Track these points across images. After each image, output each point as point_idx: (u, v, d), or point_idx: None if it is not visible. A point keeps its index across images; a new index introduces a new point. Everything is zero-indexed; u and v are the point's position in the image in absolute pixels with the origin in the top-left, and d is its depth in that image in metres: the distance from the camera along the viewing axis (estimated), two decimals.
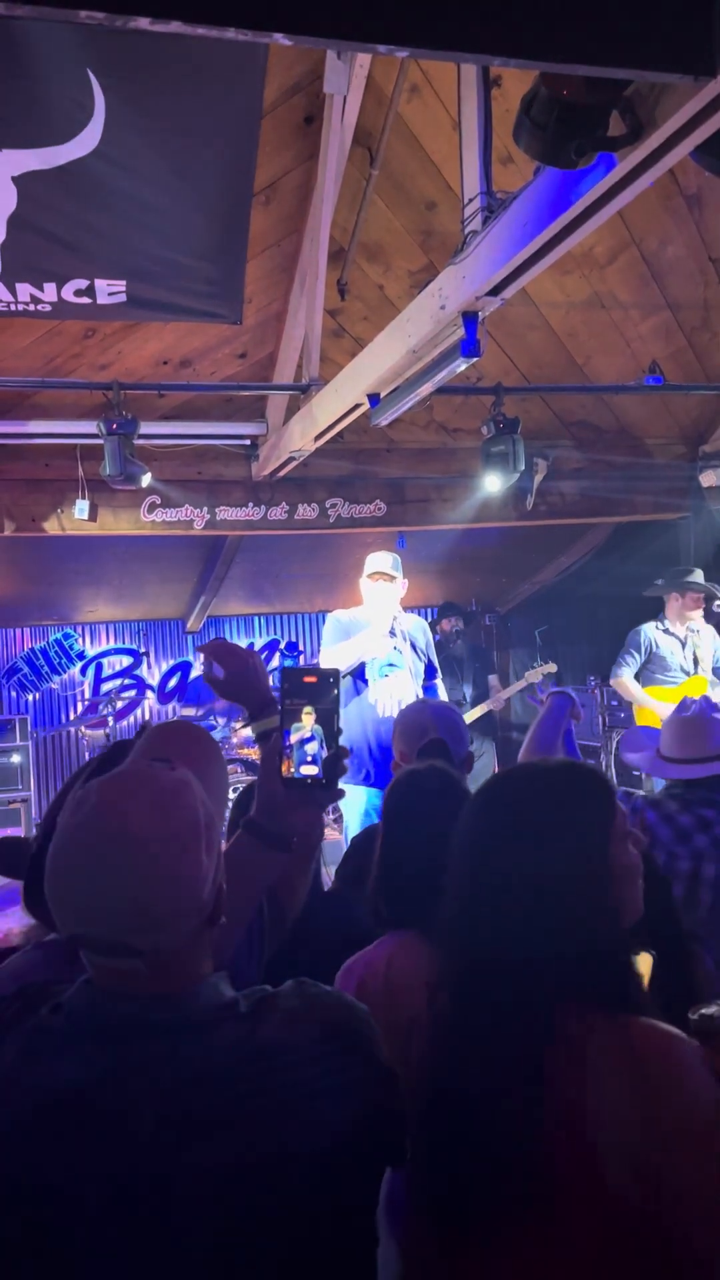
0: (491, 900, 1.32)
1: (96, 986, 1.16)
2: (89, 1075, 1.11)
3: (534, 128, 2.03)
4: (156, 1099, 1.09)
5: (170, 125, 3.84)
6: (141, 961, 1.11)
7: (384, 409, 4.24)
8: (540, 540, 8.28)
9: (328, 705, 1.44)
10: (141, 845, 1.11)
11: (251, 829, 1.45)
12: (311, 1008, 1.19)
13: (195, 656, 9.35)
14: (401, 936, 1.95)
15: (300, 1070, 1.12)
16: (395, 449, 6.67)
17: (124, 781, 1.18)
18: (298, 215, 4.94)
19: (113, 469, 5.07)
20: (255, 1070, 1.11)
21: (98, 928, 1.12)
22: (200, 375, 5.72)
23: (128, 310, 4.70)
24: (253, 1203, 1.07)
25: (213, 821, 1.20)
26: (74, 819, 1.15)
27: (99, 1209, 1.07)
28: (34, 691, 8.97)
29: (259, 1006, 1.17)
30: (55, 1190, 1.09)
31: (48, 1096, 1.10)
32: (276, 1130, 1.09)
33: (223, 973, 1.22)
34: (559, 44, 1.72)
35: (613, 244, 5.16)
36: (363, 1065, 1.17)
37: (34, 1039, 1.15)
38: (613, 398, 6.51)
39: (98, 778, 1.20)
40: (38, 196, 3.94)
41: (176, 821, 1.14)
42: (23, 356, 5.22)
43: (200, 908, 1.14)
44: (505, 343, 5.88)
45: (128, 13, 1.53)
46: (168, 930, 1.12)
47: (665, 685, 5.84)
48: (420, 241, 5.13)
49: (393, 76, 4.21)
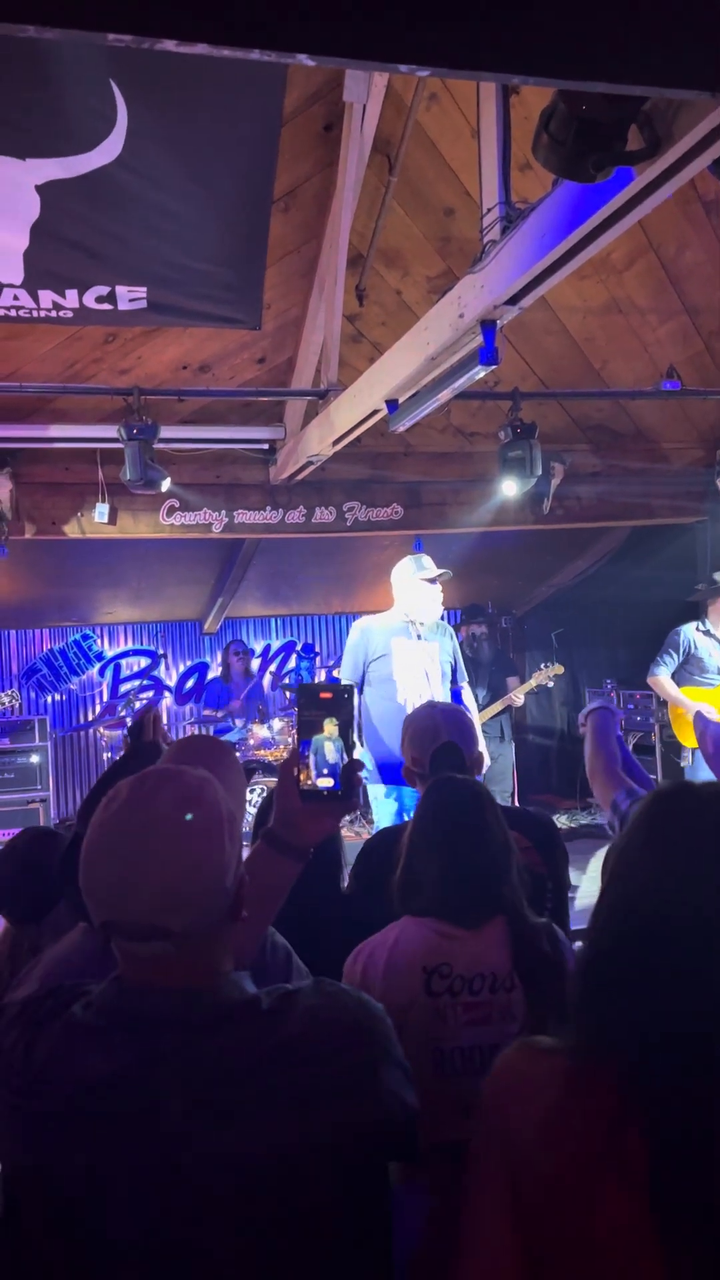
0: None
1: (125, 982, 1.22)
2: (118, 1068, 1.15)
3: (552, 143, 2.05)
4: (182, 1091, 1.13)
5: (191, 134, 3.88)
6: (170, 944, 1.17)
7: (402, 415, 4.27)
8: (557, 544, 8.28)
9: (345, 718, 1.46)
10: (169, 831, 1.19)
11: (270, 840, 1.48)
12: (331, 1006, 1.23)
13: (213, 657, 9.40)
14: (410, 924, 2.04)
15: (319, 1066, 1.16)
16: (412, 453, 6.69)
17: (151, 779, 1.27)
18: (317, 221, 4.98)
19: (133, 474, 5.12)
20: (276, 1065, 1.15)
21: (130, 912, 1.18)
22: (219, 380, 5.75)
23: (148, 316, 4.75)
24: (273, 1194, 1.11)
25: (233, 816, 1.28)
26: (105, 814, 1.24)
27: (127, 1198, 1.12)
28: (53, 692, 9.03)
29: (280, 1004, 1.21)
30: (85, 1179, 1.13)
31: (79, 1088, 1.15)
32: (296, 1124, 1.12)
33: (245, 972, 1.26)
34: (577, 61, 1.74)
35: (630, 249, 5.16)
36: (379, 1060, 1.21)
37: (66, 1034, 1.20)
38: (630, 402, 6.51)
39: (127, 778, 1.29)
40: (61, 205, 3.99)
41: (201, 811, 1.22)
42: (44, 361, 5.27)
43: (224, 891, 1.21)
44: (523, 348, 5.89)
45: (154, 35, 1.56)
46: (195, 911, 1.18)
47: (702, 686, 5.85)
48: (438, 247, 5.15)
49: (412, 85, 4.24)
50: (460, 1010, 1.93)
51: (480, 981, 1.95)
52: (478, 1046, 1.92)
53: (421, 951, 1.97)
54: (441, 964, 1.95)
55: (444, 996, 1.94)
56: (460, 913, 2.00)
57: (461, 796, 2.17)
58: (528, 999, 1.93)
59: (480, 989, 1.94)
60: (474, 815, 2.10)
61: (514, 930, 1.99)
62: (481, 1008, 1.94)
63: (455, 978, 1.94)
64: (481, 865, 2.03)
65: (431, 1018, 1.92)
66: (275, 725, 7.86)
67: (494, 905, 2.01)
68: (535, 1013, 1.91)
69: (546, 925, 2.06)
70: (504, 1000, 1.94)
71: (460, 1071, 1.90)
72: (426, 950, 1.97)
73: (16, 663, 8.95)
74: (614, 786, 2.42)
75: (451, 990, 1.94)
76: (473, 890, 2.01)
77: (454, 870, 2.03)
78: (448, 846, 2.06)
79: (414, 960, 1.96)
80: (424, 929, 2.01)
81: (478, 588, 9.19)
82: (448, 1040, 1.92)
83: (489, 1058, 1.89)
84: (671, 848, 1.22)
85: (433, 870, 2.05)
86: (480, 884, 2.02)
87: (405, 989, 1.93)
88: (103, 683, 9.20)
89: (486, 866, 2.03)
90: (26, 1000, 1.28)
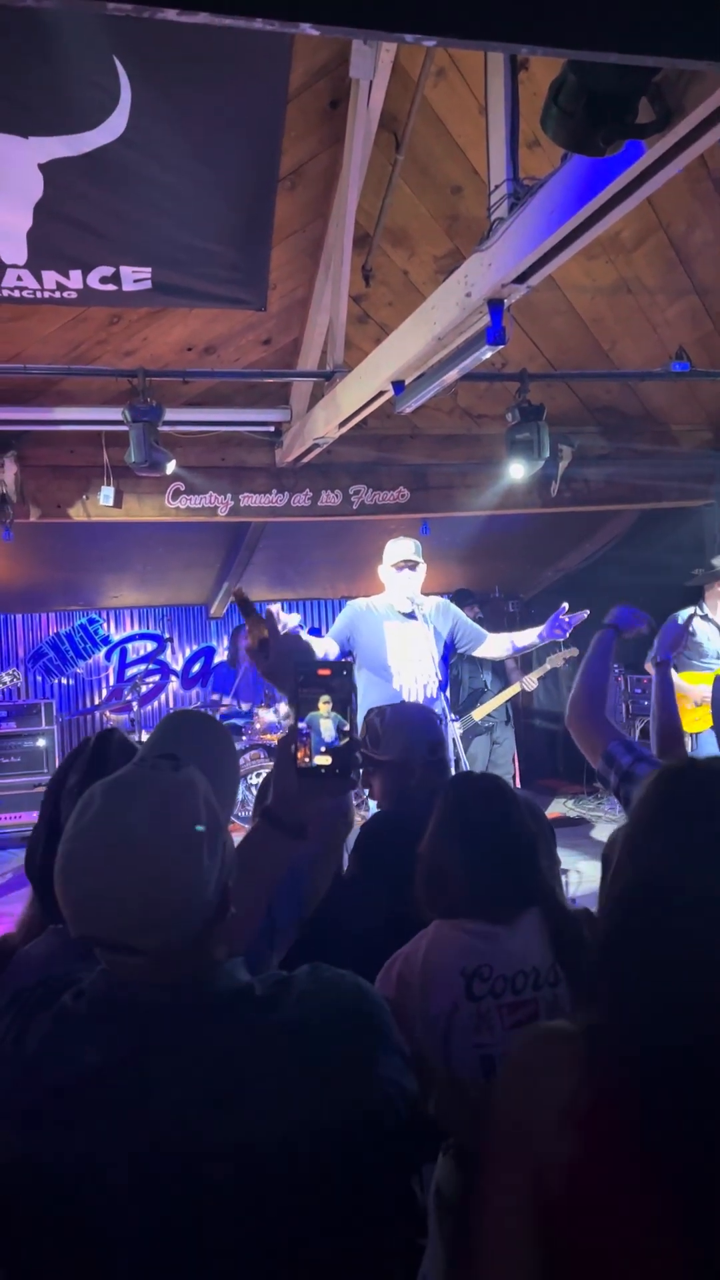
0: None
1: (114, 975, 1.19)
2: (110, 1059, 1.13)
3: (562, 115, 2.02)
4: (175, 1081, 1.12)
5: (196, 111, 3.84)
6: (145, 959, 1.14)
7: (408, 396, 4.24)
8: (564, 527, 8.24)
9: (343, 695, 1.45)
10: (143, 851, 1.13)
11: (267, 817, 1.47)
12: (326, 991, 1.21)
13: (219, 641, 9.40)
14: (442, 928, 1.98)
15: (315, 1052, 1.14)
16: (419, 435, 6.65)
17: (126, 786, 1.20)
18: (323, 200, 4.93)
19: (138, 456, 5.09)
20: (271, 1052, 1.14)
21: (102, 928, 1.14)
22: (224, 362, 5.72)
23: (153, 296, 4.71)
24: (271, 1182, 1.10)
25: (216, 820, 1.21)
26: (78, 824, 1.18)
27: (122, 1189, 1.10)
28: (60, 676, 9.04)
29: (274, 990, 1.20)
30: (78, 1171, 1.12)
31: (70, 1079, 1.14)
32: (293, 1111, 1.11)
33: (238, 959, 1.24)
34: (587, 31, 1.70)
35: (640, 228, 5.11)
36: (376, 1045, 1.19)
37: (57, 1024, 1.18)
38: (638, 384, 6.46)
39: (102, 780, 1.22)
40: (64, 184, 3.95)
41: (178, 826, 1.16)
42: (48, 343, 5.24)
43: (202, 910, 1.16)
44: (530, 328, 5.84)
45: (155, 4, 1.53)
46: (169, 932, 1.14)
47: (701, 670, 5.82)
48: (445, 226, 5.10)
49: (419, 61, 4.19)
50: (506, 1012, 1.87)
51: (523, 979, 1.88)
52: None
53: (458, 955, 1.91)
54: (481, 965, 1.89)
55: (487, 999, 1.87)
56: (492, 908, 1.95)
57: (481, 789, 2.13)
58: (573, 991, 1.85)
59: (523, 986, 1.88)
60: (497, 806, 2.05)
61: (551, 921, 1.93)
62: (526, 1007, 1.87)
63: (496, 978, 1.88)
64: (509, 857, 1.98)
65: (476, 1023, 1.86)
66: (281, 710, 7.85)
67: (526, 897, 1.95)
68: (580, 1003, 1.79)
69: (584, 911, 1.99)
70: (550, 996, 1.88)
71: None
72: (463, 953, 1.91)
73: (23, 647, 8.95)
74: (604, 735, 2.28)
75: (494, 992, 1.88)
76: (503, 883, 1.95)
77: (481, 864, 1.97)
78: (472, 840, 2.00)
79: (451, 965, 1.90)
80: (457, 931, 1.94)
81: (484, 571, 9.16)
82: (495, 1045, 1.85)
83: None
84: (679, 826, 1.21)
85: (458, 866, 1.99)
86: (510, 876, 1.96)
87: (445, 997, 1.87)
88: (109, 667, 9.20)
89: (515, 858, 1.98)
90: (17, 989, 1.27)
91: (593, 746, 2.28)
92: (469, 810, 2.07)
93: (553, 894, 1.98)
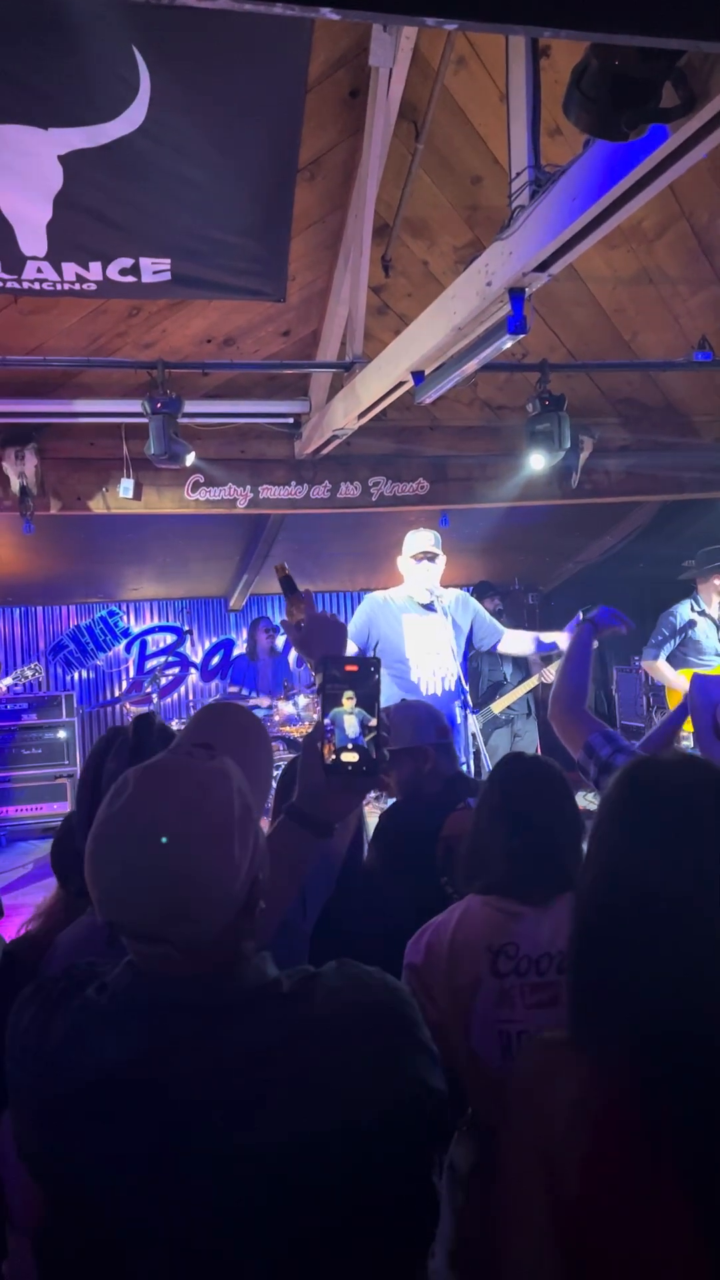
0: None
1: (138, 967, 1.18)
2: (132, 1054, 1.12)
3: (584, 100, 1.99)
4: (199, 1077, 1.10)
5: (215, 101, 3.82)
6: (172, 948, 1.13)
7: (428, 387, 4.21)
8: (584, 520, 8.20)
9: (368, 691, 1.44)
10: (173, 839, 1.12)
11: (294, 815, 1.46)
12: (353, 987, 1.20)
13: (238, 634, 9.41)
14: (474, 903, 2.01)
15: (342, 1048, 1.13)
16: (439, 427, 6.63)
17: (160, 774, 1.19)
18: (342, 191, 4.91)
19: (157, 448, 5.10)
20: (297, 1048, 1.12)
21: (129, 916, 1.13)
22: (244, 354, 5.71)
23: (172, 288, 4.71)
24: (295, 1179, 1.08)
25: (249, 813, 1.20)
26: (110, 809, 1.17)
27: (142, 1186, 1.09)
28: (80, 668, 9.08)
29: (301, 986, 1.18)
30: (99, 1165, 1.11)
31: (92, 1074, 1.13)
32: (318, 1108, 1.10)
33: (266, 953, 1.23)
34: (611, 13, 1.68)
35: (662, 217, 5.06)
36: (404, 1043, 1.18)
37: (80, 1017, 1.17)
38: (660, 374, 6.41)
39: (136, 766, 1.21)
40: (84, 175, 3.95)
41: (209, 817, 1.15)
42: (69, 335, 5.25)
43: (231, 901, 1.15)
44: (551, 319, 5.80)
45: None
46: (197, 923, 1.13)
47: (700, 668, 5.76)
48: (466, 216, 5.07)
49: (439, 48, 4.15)
50: (528, 991, 1.89)
51: (548, 961, 1.90)
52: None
53: (486, 931, 1.94)
54: (507, 944, 1.92)
55: (510, 977, 1.89)
56: (527, 889, 1.97)
57: (533, 771, 2.16)
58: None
59: (547, 969, 1.90)
60: (545, 789, 2.09)
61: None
62: (549, 989, 1.89)
63: (522, 958, 1.90)
64: (551, 839, 2.01)
65: (498, 999, 1.88)
66: (300, 701, 7.85)
67: (563, 881, 1.95)
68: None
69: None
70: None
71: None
72: (491, 929, 1.94)
73: (44, 639, 9.00)
74: (585, 727, 2.28)
75: (518, 970, 1.90)
76: (543, 865, 1.98)
77: (525, 845, 2.00)
78: (520, 821, 2.03)
79: (478, 940, 1.93)
80: (488, 908, 1.98)
81: (504, 563, 9.13)
82: (515, 1023, 1.87)
83: None
84: (640, 820, 1.22)
85: (501, 847, 2.02)
86: (550, 860, 1.99)
87: (470, 970, 1.90)
88: (129, 659, 9.23)
89: (558, 842, 2.01)
90: (42, 981, 1.26)
91: (573, 738, 2.28)
92: (518, 792, 2.10)
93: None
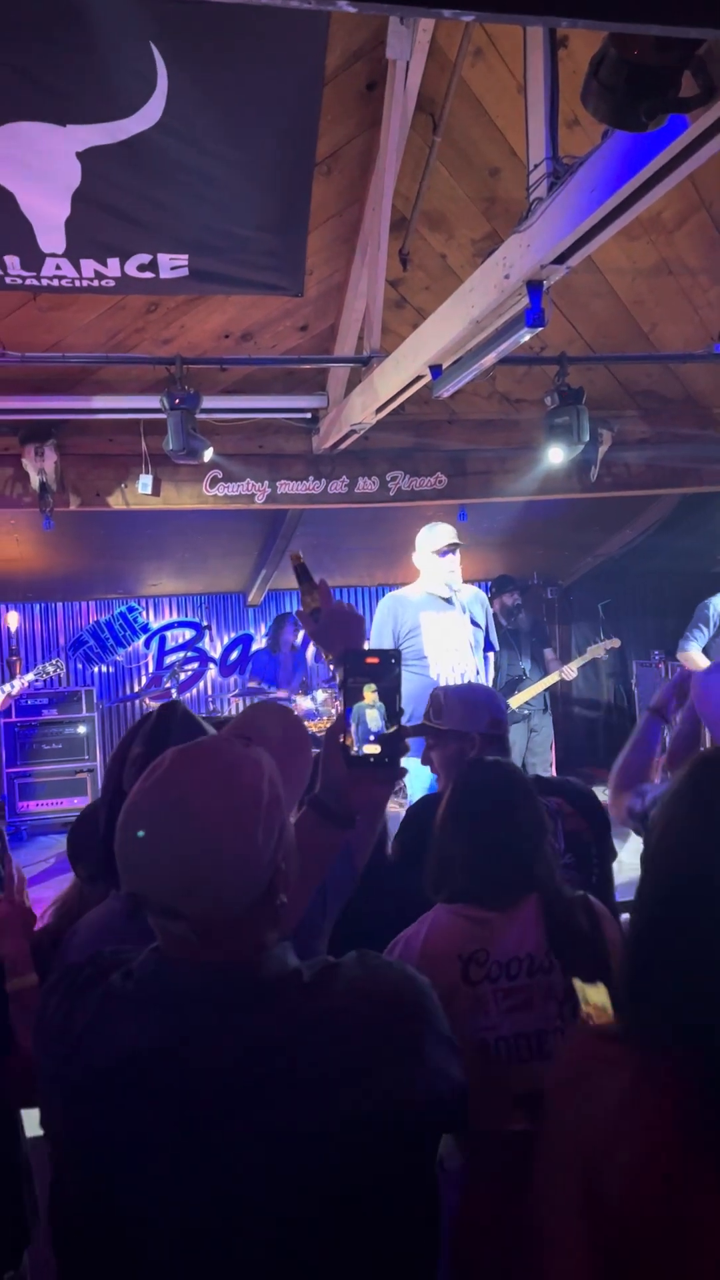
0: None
1: (162, 954, 1.20)
2: (154, 1041, 1.14)
3: (602, 90, 1.98)
4: (219, 1065, 1.11)
5: (232, 96, 3.82)
6: (188, 927, 1.15)
7: (446, 380, 4.21)
8: (604, 513, 8.16)
9: (389, 684, 1.44)
10: (196, 816, 1.14)
11: (316, 806, 1.47)
12: (373, 978, 1.20)
13: (257, 629, 9.44)
14: (441, 913, 2.01)
15: (361, 1039, 1.14)
16: (457, 421, 6.61)
17: (194, 752, 1.22)
18: (359, 184, 4.90)
19: (175, 444, 5.11)
20: (316, 1038, 1.13)
21: (150, 886, 1.16)
22: (261, 349, 5.71)
23: (190, 284, 4.72)
24: (312, 1168, 1.09)
25: (277, 802, 1.21)
26: (146, 781, 1.20)
27: (162, 1172, 1.10)
28: (100, 664, 9.13)
29: (321, 976, 1.19)
30: (120, 1150, 1.12)
31: (115, 1060, 1.14)
32: (336, 1098, 1.10)
33: (287, 943, 1.23)
34: (629, 3, 1.67)
35: (681, 208, 5.02)
36: (425, 1033, 1.18)
37: (105, 1003, 1.19)
38: (680, 366, 6.36)
39: (175, 746, 1.24)
40: (102, 171, 3.96)
41: (236, 797, 1.17)
42: (87, 332, 5.26)
43: (249, 884, 1.16)
44: (569, 311, 5.78)
45: None
46: (213, 901, 1.15)
47: None
48: (483, 209, 5.05)
49: (456, 40, 4.14)
50: (501, 996, 1.90)
51: (517, 965, 1.91)
52: (522, 1034, 1.89)
53: (455, 939, 1.95)
54: (477, 950, 1.92)
55: (483, 984, 1.91)
56: (491, 893, 1.98)
57: (490, 777, 2.16)
58: (566, 977, 1.89)
59: (518, 973, 1.91)
60: (502, 794, 2.09)
61: (547, 907, 1.96)
62: (521, 993, 1.90)
63: (492, 964, 1.92)
64: (511, 843, 2.01)
65: (472, 1007, 1.89)
66: (319, 696, 7.86)
67: (526, 883, 1.98)
68: (573, 990, 1.85)
69: (583, 899, 2.03)
70: (543, 982, 1.91)
71: (506, 1060, 1.87)
72: (461, 938, 1.94)
73: (64, 635, 9.04)
74: (630, 794, 2.36)
75: (490, 977, 1.91)
76: (503, 869, 1.99)
77: (483, 849, 2.01)
78: (476, 827, 2.05)
79: (449, 949, 1.94)
80: (456, 917, 1.99)
81: (523, 557, 9.10)
82: (491, 1030, 1.88)
83: (535, 1045, 1.86)
84: (714, 813, 1.19)
85: (462, 852, 2.03)
86: (510, 862, 1.99)
87: (442, 980, 1.86)
88: (148, 654, 9.27)
89: (517, 844, 2.01)
90: (67, 967, 1.27)
91: (619, 812, 2.40)
92: (475, 799, 2.11)
93: (553, 881, 2.00)
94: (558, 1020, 1.88)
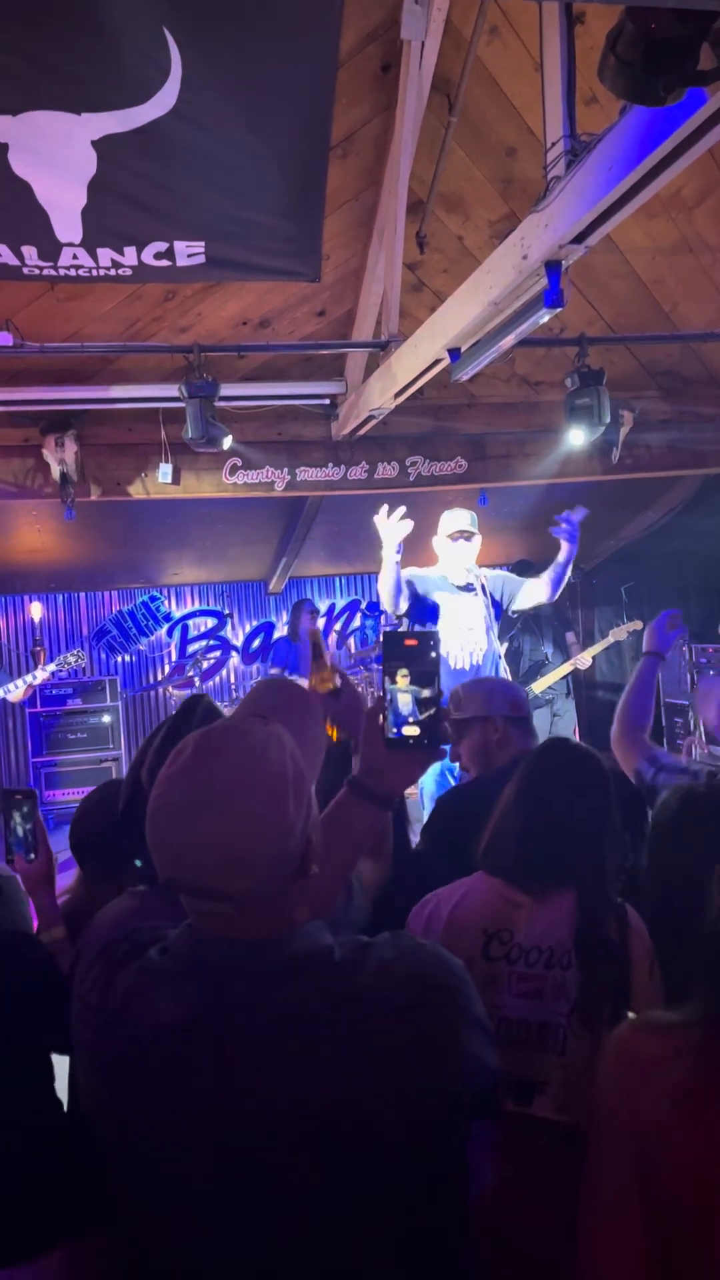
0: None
1: (196, 930, 1.22)
2: (188, 1015, 1.16)
3: (620, 65, 1.95)
4: (251, 1040, 1.13)
5: (246, 81, 3.80)
6: (230, 906, 1.16)
7: (465, 363, 4.18)
8: (625, 495, 8.10)
9: (428, 667, 1.44)
10: (228, 795, 1.16)
11: (355, 787, 1.47)
12: (404, 959, 1.21)
13: (278, 617, 9.45)
14: (480, 882, 2.01)
15: (391, 1018, 1.15)
16: (476, 404, 6.57)
17: (215, 735, 1.24)
18: (376, 167, 4.87)
19: (195, 432, 5.11)
20: (347, 1016, 1.14)
21: (188, 872, 1.17)
22: (279, 335, 5.70)
23: (207, 271, 4.71)
24: (342, 1143, 1.10)
25: (302, 776, 1.23)
26: (170, 769, 1.22)
27: (194, 1143, 1.12)
28: (123, 653, 9.18)
29: (353, 955, 1.20)
30: (154, 1122, 1.15)
31: (150, 1032, 1.16)
32: (366, 1075, 1.11)
33: (320, 921, 1.25)
34: None
35: (702, 184, 4.96)
36: (454, 1015, 1.19)
37: (141, 978, 1.21)
38: (701, 346, 6.30)
39: (194, 731, 1.26)
40: (117, 159, 3.95)
41: (264, 774, 1.19)
42: (105, 321, 5.27)
43: (286, 858, 1.18)
44: (589, 292, 5.72)
45: None
46: (252, 877, 1.16)
47: None
48: (501, 190, 5.01)
49: (471, 19, 4.09)
50: (515, 980, 1.88)
51: (537, 954, 1.89)
52: (526, 1021, 1.86)
53: (485, 912, 1.94)
54: (502, 929, 1.91)
55: (500, 963, 1.89)
56: (529, 878, 1.95)
57: (567, 759, 2.10)
58: (582, 979, 1.85)
59: (536, 962, 1.88)
60: (576, 779, 2.03)
61: (583, 906, 1.91)
62: (534, 980, 1.88)
63: (514, 945, 1.90)
64: (564, 832, 1.95)
65: (485, 982, 1.87)
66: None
67: (567, 876, 1.93)
68: (586, 995, 1.82)
69: (620, 907, 1.95)
70: (559, 977, 1.87)
71: (506, 1043, 1.83)
72: (491, 912, 1.93)
73: (87, 625, 9.09)
74: (637, 753, 2.35)
75: (509, 958, 1.89)
76: (547, 856, 1.94)
77: (533, 832, 1.97)
78: (535, 806, 2.00)
79: (476, 920, 1.93)
80: (492, 891, 1.97)
81: (544, 541, 9.01)
82: (499, 1008, 1.87)
83: (537, 1034, 1.84)
84: (697, 845, 1.21)
85: (515, 831, 2.00)
86: (557, 851, 1.94)
87: (463, 948, 1.88)
88: (171, 643, 9.31)
89: (569, 834, 1.95)
90: (106, 942, 1.29)
91: (628, 765, 2.39)
92: (545, 777, 2.07)
93: (599, 880, 1.94)
94: (563, 1018, 1.84)
